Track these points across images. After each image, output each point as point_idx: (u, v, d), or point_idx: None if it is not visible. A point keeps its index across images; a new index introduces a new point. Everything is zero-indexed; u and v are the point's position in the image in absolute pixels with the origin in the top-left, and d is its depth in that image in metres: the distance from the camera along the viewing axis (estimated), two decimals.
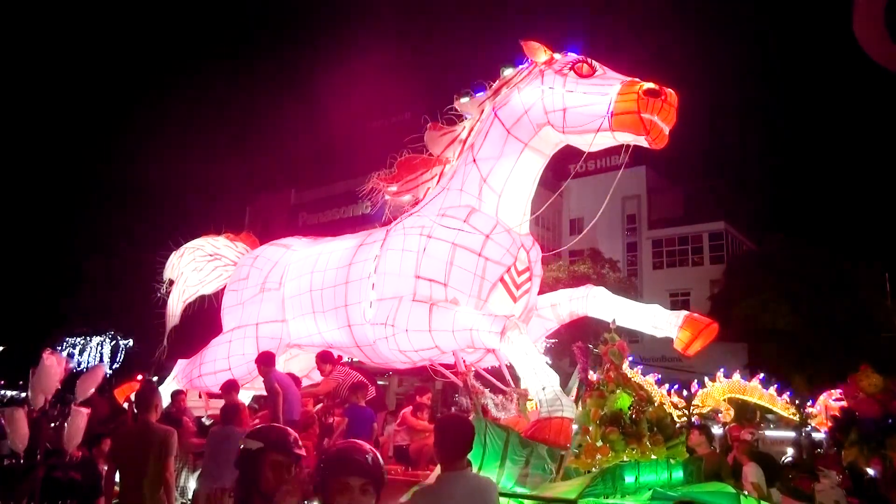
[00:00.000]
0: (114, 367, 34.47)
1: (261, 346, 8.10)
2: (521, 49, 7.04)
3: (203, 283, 9.71)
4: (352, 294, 7.48)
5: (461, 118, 7.56)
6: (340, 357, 8.50)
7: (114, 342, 37.46)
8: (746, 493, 5.73)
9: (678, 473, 5.33)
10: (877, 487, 7.49)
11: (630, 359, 7.92)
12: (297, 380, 8.31)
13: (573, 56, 6.82)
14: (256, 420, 7.78)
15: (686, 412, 16.75)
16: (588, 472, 5.18)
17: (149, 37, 67.46)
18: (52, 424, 8.60)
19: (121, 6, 64.70)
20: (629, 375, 6.45)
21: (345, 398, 7.73)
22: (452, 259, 6.77)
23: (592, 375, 6.11)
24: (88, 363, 33.74)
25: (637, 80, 6.40)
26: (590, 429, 5.55)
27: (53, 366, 8.68)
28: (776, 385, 18.14)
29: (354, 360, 8.71)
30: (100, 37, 65.77)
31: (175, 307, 9.65)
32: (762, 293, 26.11)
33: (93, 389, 9.24)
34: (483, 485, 3.62)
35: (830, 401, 15.04)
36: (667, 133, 6.37)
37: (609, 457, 5.27)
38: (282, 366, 8.44)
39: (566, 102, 6.58)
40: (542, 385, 5.78)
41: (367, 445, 2.58)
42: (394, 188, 7.68)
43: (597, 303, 7.13)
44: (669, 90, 6.26)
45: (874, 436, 7.74)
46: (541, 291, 7.71)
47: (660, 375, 17.36)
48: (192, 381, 8.84)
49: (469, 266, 6.76)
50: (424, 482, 4.53)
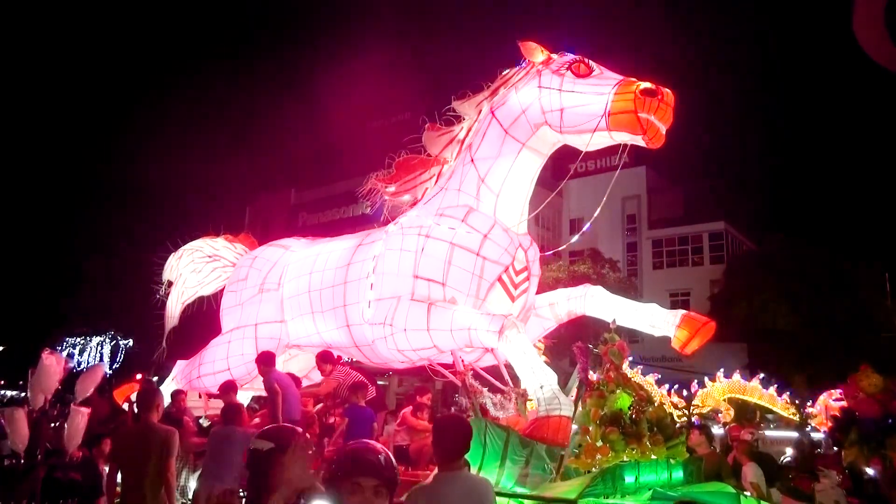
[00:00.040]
0: (114, 367, 34.50)
1: (260, 347, 8.10)
2: (519, 49, 7.05)
3: (202, 285, 9.71)
4: (350, 294, 7.48)
5: (460, 119, 7.56)
6: (340, 357, 8.50)
7: (114, 342, 37.50)
8: (748, 494, 5.73)
9: (678, 473, 5.33)
10: (877, 487, 7.48)
11: (630, 359, 7.90)
12: (297, 380, 8.31)
13: (570, 56, 6.83)
14: (257, 419, 7.78)
15: (686, 412, 16.75)
16: (588, 472, 5.18)
17: (149, 37, 67.55)
18: (53, 424, 8.60)
19: (121, 6, 64.75)
20: (629, 375, 6.45)
21: (345, 398, 7.72)
22: (450, 259, 6.77)
23: (592, 375, 6.10)
24: (88, 363, 33.73)
25: (634, 80, 6.40)
26: (590, 429, 5.55)
27: (53, 366, 8.68)
28: (776, 385, 18.15)
29: (353, 361, 8.71)
30: (100, 37, 65.88)
31: (174, 309, 9.65)
32: (762, 293, 26.10)
33: (92, 389, 9.23)
34: (479, 485, 3.63)
35: (830, 401, 15.02)
36: (664, 132, 6.36)
37: (609, 457, 5.27)
38: (281, 366, 8.43)
39: (563, 102, 6.59)
40: (540, 384, 5.79)
41: (380, 445, 2.53)
42: (392, 188, 7.69)
43: (595, 302, 7.13)
44: (666, 90, 6.27)
45: (874, 436, 7.72)
46: (541, 291, 7.72)
47: (660, 375, 17.35)
48: (192, 382, 8.84)
49: (467, 266, 6.77)
50: (423, 482, 4.52)
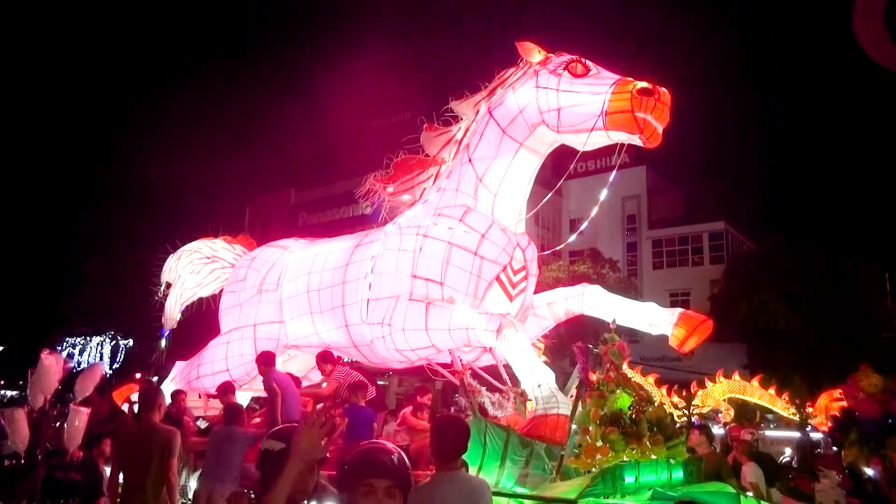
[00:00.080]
0: (114, 367, 34.50)
1: (258, 347, 8.11)
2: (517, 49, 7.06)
3: (201, 286, 9.72)
4: (349, 294, 7.49)
5: (458, 119, 7.57)
6: (340, 357, 8.50)
7: (114, 342, 37.48)
8: (749, 494, 5.71)
9: (678, 473, 5.31)
10: (877, 487, 7.48)
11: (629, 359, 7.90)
12: (298, 380, 8.31)
13: (567, 56, 6.84)
14: (257, 419, 7.79)
15: (686, 412, 16.72)
16: (588, 472, 5.17)
17: (149, 37, 67.55)
18: (55, 424, 8.59)
19: (121, 6, 64.75)
20: (629, 375, 6.45)
21: (345, 398, 7.72)
22: (448, 258, 6.78)
23: (592, 375, 6.10)
24: (88, 363, 33.68)
25: (630, 80, 6.41)
26: (590, 429, 5.53)
27: (52, 365, 8.66)
28: (776, 385, 18.10)
29: (352, 361, 8.70)
30: (100, 37, 65.87)
31: (173, 310, 9.66)
32: (762, 293, 26.04)
33: (92, 388, 9.21)
34: (476, 485, 3.62)
35: (830, 401, 14.99)
36: (660, 132, 6.38)
37: (609, 457, 5.25)
38: (280, 367, 8.43)
39: (560, 102, 6.60)
40: (538, 382, 5.80)
41: (392, 446, 2.49)
42: (390, 189, 7.70)
43: (592, 301, 7.15)
44: (663, 89, 6.28)
45: (874, 436, 7.71)
46: (541, 291, 7.72)
47: (659, 375, 17.33)
48: (191, 383, 8.84)
49: (465, 265, 6.78)
50: (421, 482, 4.52)
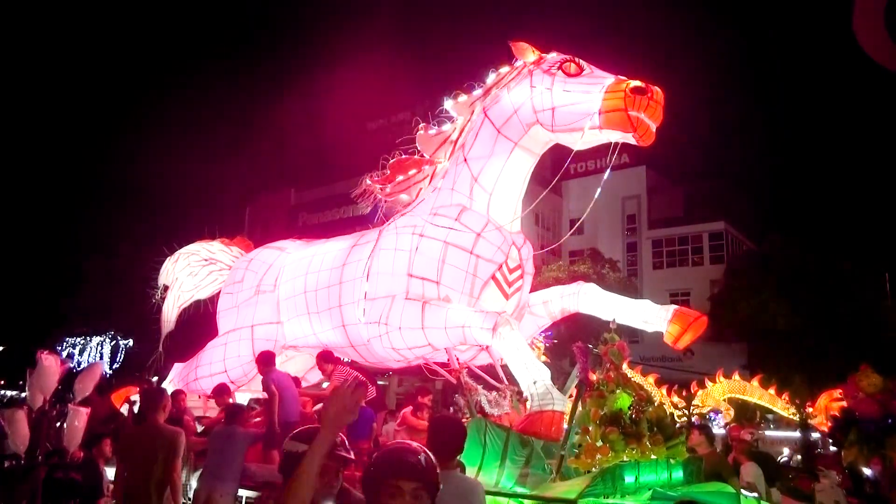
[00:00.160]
0: (114, 367, 34.48)
1: (256, 348, 8.12)
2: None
3: (198, 288, 9.73)
4: (346, 294, 7.50)
5: (453, 119, 7.59)
6: (339, 357, 8.49)
7: (114, 342, 37.41)
8: (752, 494, 5.71)
9: (678, 473, 5.31)
10: (877, 487, 7.47)
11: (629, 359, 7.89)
12: (297, 381, 8.30)
13: (561, 56, 6.85)
14: (257, 419, 7.78)
15: (686, 412, 16.71)
16: (588, 472, 5.16)
17: (149, 37, 67.57)
18: (56, 424, 8.57)
19: (121, 6, 64.76)
20: (629, 375, 6.45)
21: None
22: (444, 257, 6.80)
23: (592, 375, 6.10)
24: (88, 363, 33.68)
25: (624, 79, 6.44)
26: (590, 429, 5.53)
27: (51, 365, 8.64)
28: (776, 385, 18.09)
29: (350, 361, 8.70)
30: (100, 36, 65.87)
31: (170, 312, 9.66)
32: (762, 293, 26.02)
33: (91, 388, 9.20)
34: (471, 486, 3.63)
35: (830, 401, 14.98)
36: (654, 130, 6.41)
37: (609, 457, 5.25)
38: (278, 368, 8.43)
39: (555, 101, 6.62)
40: (534, 379, 5.82)
41: (418, 445, 2.41)
42: (387, 189, 7.73)
43: (588, 299, 7.17)
44: (656, 88, 6.31)
45: (874, 436, 7.71)
46: (538, 289, 7.74)
47: (659, 375, 17.32)
48: (189, 385, 8.84)
49: (461, 264, 6.79)
50: None
